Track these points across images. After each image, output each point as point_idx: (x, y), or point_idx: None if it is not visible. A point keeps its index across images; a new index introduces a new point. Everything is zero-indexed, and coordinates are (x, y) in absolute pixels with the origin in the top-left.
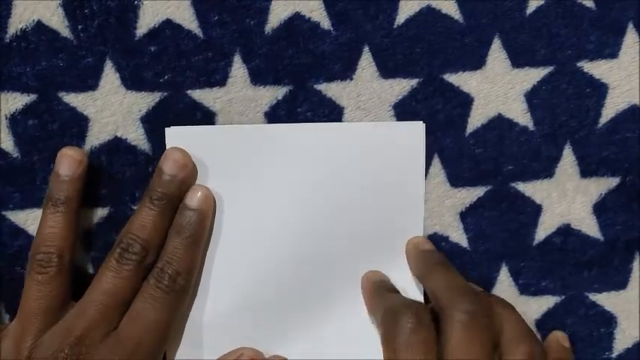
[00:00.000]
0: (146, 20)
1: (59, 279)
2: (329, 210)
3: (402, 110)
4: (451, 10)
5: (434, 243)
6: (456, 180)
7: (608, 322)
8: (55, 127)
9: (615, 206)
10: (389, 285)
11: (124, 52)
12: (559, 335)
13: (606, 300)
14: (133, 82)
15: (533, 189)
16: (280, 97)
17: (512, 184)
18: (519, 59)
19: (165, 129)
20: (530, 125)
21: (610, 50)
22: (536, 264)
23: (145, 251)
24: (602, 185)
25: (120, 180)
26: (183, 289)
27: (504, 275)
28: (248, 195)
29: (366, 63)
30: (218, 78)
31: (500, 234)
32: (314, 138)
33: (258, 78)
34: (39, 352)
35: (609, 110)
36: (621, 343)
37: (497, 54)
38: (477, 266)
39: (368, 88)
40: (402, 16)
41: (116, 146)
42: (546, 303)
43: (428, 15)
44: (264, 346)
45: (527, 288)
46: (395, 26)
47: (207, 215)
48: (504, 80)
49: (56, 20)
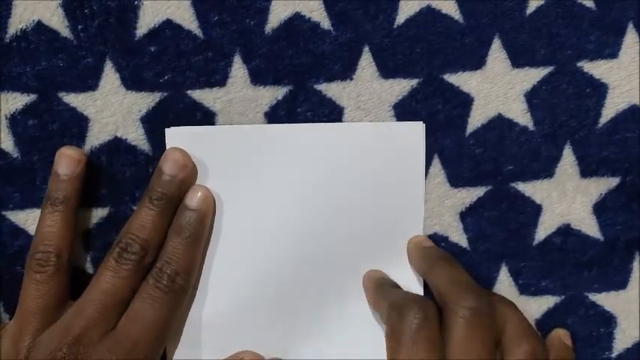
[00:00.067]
0: (146, 20)
1: (57, 278)
2: (329, 210)
3: (402, 110)
4: (451, 10)
5: (434, 243)
6: (456, 180)
7: (608, 322)
8: (55, 127)
9: (615, 206)
10: (391, 282)
11: (124, 52)
12: (561, 333)
13: (606, 300)
14: (133, 82)
15: (533, 189)
16: (280, 98)
17: (512, 184)
18: (519, 59)
19: (165, 129)
20: (530, 125)
21: (610, 50)
22: (536, 264)
23: (144, 251)
24: (602, 185)
25: (120, 180)
26: (182, 289)
27: (504, 275)
28: (248, 195)
29: (366, 63)
30: (218, 78)
31: (500, 234)
32: (314, 138)
33: (258, 78)
34: (37, 352)
35: (609, 110)
36: (621, 343)
37: (497, 54)
38: (477, 266)
39: (368, 88)
40: (402, 16)
41: (116, 146)
42: (546, 303)
43: (428, 15)
44: (264, 346)
45: (527, 288)
46: (395, 26)
47: (206, 215)
48: (504, 80)
49: (56, 20)
